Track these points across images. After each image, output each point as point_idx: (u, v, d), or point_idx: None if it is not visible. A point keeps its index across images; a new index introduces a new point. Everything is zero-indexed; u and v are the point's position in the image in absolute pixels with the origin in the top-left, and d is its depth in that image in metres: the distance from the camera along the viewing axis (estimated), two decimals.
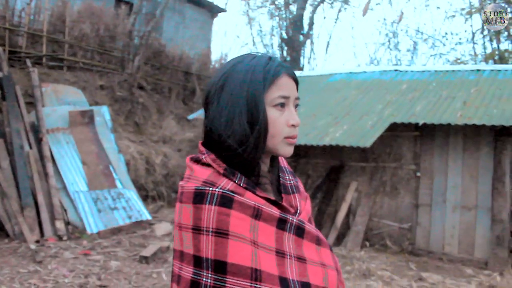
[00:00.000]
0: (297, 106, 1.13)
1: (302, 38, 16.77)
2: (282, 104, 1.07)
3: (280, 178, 1.21)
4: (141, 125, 10.36)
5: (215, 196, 0.98)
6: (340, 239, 6.82)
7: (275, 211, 1.06)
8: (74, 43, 9.88)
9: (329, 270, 1.12)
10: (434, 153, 6.58)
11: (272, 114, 1.06)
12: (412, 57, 16.47)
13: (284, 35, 16.67)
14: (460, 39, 17.60)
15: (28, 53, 8.98)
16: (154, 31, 11.49)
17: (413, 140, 6.71)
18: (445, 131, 6.44)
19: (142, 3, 11.22)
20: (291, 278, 1.01)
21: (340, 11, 18.37)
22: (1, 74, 7.12)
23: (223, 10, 16.53)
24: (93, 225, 6.36)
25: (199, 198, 0.99)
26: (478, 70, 7.31)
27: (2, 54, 7.59)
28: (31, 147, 6.66)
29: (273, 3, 17.08)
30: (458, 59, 13.61)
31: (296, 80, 1.13)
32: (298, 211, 1.16)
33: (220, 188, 1.00)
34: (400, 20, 16.14)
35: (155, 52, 11.99)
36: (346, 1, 17.26)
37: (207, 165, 1.06)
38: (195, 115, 9.06)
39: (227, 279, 0.94)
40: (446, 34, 16.94)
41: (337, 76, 8.73)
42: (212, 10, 16.05)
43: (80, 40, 10.02)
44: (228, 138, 1.03)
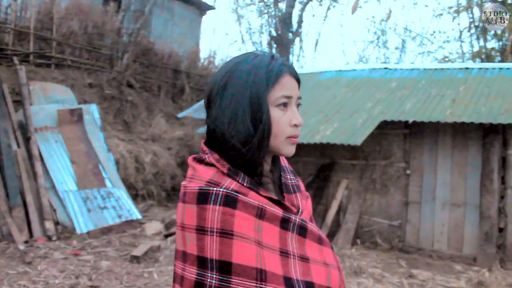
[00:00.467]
0: (299, 105, 1.13)
1: (291, 36, 16.78)
2: (285, 104, 1.07)
3: (282, 178, 1.21)
4: (130, 123, 10.29)
5: (220, 196, 0.97)
6: (330, 237, 6.84)
7: (278, 211, 1.06)
8: (62, 41, 9.76)
9: (331, 269, 1.12)
10: (423, 150, 6.63)
11: (275, 113, 1.06)
12: (400, 55, 16.60)
13: (273, 33, 16.68)
14: (448, 37, 17.88)
15: (15, 50, 8.86)
16: (143, 29, 11.41)
17: (402, 138, 6.75)
18: (434, 129, 6.50)
19: (131, 0, 11.14)
20: (295, 278, 1.01)
21: (329, 9, 18.46)
22: None
23: (212, 8, 16.47)
24: (82, 224, 6.31)
25: (203, 198, 0.98)
26: (467, 68, 7.38)
27: None
28: (19, 146, 6.58)
29: (262, 1, 17.07)
30: (446, 57, 13.75)
31: (298, 79, 1.13)
32: (300, 210, 1.16)
33: (224, 188, 1.00)
34: (388, 18, 16.27)
35: (144, 50, 11.90)
36: None
37: (210, 165, 1.06)
38: (185, 113, 9.00)
39: (232, 280, 0.94)
40: (434, 32, 17.18)
41: (327, 74, 8.75)
42: (201, 8, 15.99)
43: (68, 37, 9.90)
44: (232, 138, 1.03)
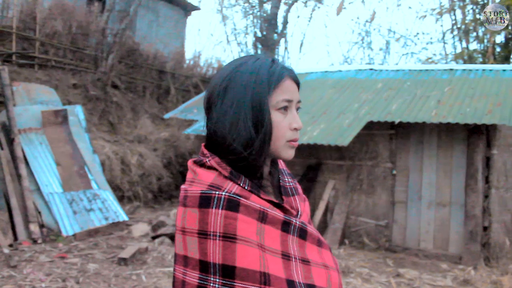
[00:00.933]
0: (298, 109, 1.14)
1: (276, 36, 16.80)
2: (286, 108, 1.08)
3: (280, 180, 1.21)
4: (115, 124, 10.19)
5: (222, 200, 0.97)
6: None
7: (279, 214, 1.06)
8: (46, 41, 9.63)
9: (331, 271, 1.13)
10: (409, 151, 6.70)
11: (276, 117, 1.06)
12: (384, 56, 16.76)
13: (259, 34, 16.69)
14: (431, 38, 18.10)
15: None
16: (128, 29, 11.31)
17: (389, 139, 6.81)
18: (420, 130, 6.57)
19: (115, 0, 11.04)
20: (297, 280, 1.02)
21: (314, 10, 18.53)
22: None
23: (197, 8, 16.41)
24: (68, 227, 6.22)
25: (205, 202, 0.98)
26: (451, 70, 7.48)
27: None
28: (2, 148, 6.46)
29: (247, 2, 17.06)
30: (429, 58, 13.90)
31: (298, 83, 1.13)
32: (299, 213, 1.16)
33: (226, 192, 0.99)
34: (372, 19, 16.38)
35: (129, 51, 11.81)
36: (320, 0, 17.39)
37: (211, 168, 1.05)
38: (171, 114, 8.94)
39: (235, 284, 0.94)
40: (418, 33, 17.40)
41: (313, 74, 8.78)
42: (186, 8, 15.92)
43: (52, 37, 9.77)
44: (233, 141, 1.02)
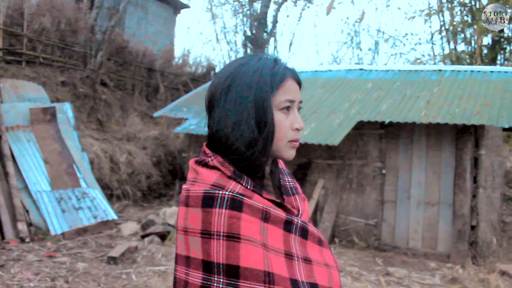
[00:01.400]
0: (299, 109, 1.14)
1: (266, 36, 16.81)
2: (288, 108, 1.08)
3: (280, 180, 1.22)
4: (104, 122, 10.11)
5: (225, 199, 0.97)
6: None
7: (281, 213, 1.06)
8: (33, 37, 9.51)
9: (332, 270, 1.14)
10: (399, 150, 6.75)
11: (278, 117, 1.06)
12: (373, 56, 16.83)
13: (248, 33, 16.67)
14: (419, 39, 18.21)
15: None
16: (117, 27, 11.22)
17: (378, 138, 6.86)
18: (409, 129, 6.63)
19: None
20: (300, 279, 1.02)
21: (303, 9, 18.57)
22: None
23: (186, 6, 16.33)
24: (57, 226, 6.16)
25: (208, 202, 0.97)
26: (440, 70, 7.55)
27: None
28: None
29: (237, 0, 17.02)
30: (418, 59, 14.02)
31: (300, 83, 1.14)
32: (300, 212, 1.17)
33: (230, 191, 0.99)
34: (362, 19, 16.45)
35: (118, 48, 11.71)
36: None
37: (214, 168, 1.05)
38: (160, 112, 8.89)
39: (240, 284, 0.94)
40: (406, 34, 17.49)
41: (303, 74, 8.79)
42: (175, 6, 15.83)
43: (40, 34, 9.65)
44: (236, 141, 1.02)
